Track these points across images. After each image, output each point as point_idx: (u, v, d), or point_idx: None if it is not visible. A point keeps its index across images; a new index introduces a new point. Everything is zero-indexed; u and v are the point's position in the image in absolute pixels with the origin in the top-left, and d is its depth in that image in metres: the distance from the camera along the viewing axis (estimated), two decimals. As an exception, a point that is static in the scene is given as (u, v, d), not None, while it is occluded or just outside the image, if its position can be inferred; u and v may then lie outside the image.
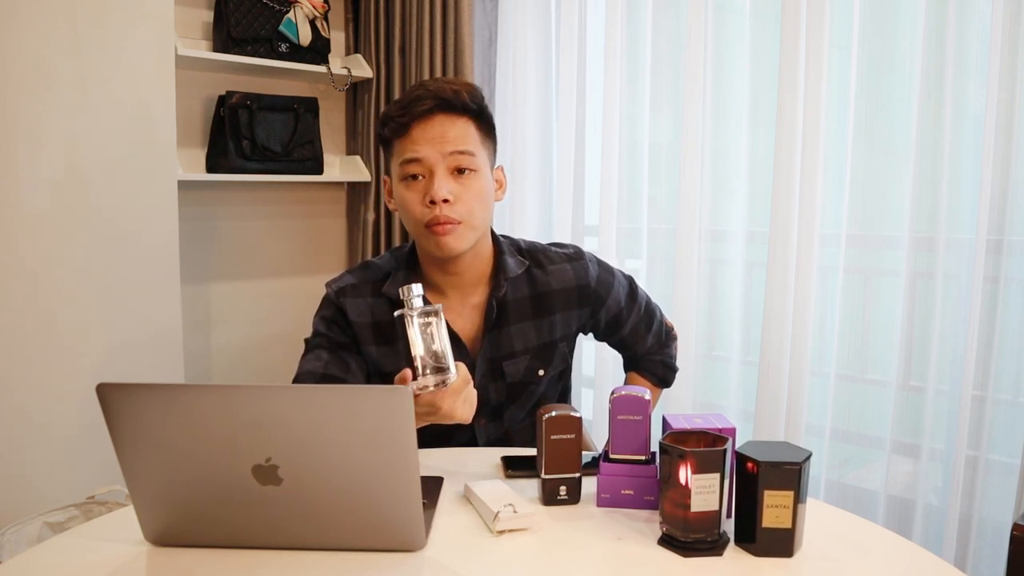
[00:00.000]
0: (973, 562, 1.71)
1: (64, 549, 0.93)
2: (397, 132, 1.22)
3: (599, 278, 1.35)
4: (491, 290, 1.29)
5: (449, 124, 1.21)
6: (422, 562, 0.89)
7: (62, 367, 1.82)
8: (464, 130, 1.22)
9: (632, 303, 1.40)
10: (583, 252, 1.37)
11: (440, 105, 1.21)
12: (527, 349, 1.31)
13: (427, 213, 1.20)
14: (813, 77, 1.79)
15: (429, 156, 1.20)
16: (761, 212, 1.96)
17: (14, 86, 1.72)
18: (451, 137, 1.20)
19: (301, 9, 2.45)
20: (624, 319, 1.39)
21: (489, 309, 1.28)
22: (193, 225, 2.38)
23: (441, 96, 1.20)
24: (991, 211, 1.62)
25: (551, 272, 1.32)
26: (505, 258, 1.30)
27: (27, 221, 1.76)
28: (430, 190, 1.19)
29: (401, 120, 1.21)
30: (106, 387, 0.83)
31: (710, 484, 0.88)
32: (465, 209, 1.21)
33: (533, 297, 1.31)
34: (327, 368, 1.25)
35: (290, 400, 0.83)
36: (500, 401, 1.32)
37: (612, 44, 2.15)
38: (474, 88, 1.25)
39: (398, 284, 1.23)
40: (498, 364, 1.30)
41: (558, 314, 1.32)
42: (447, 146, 1.20)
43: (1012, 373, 1.66)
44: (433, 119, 1.20)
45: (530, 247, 1.36)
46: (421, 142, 1.20)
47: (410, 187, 1.22)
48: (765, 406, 1.91)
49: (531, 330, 1.31)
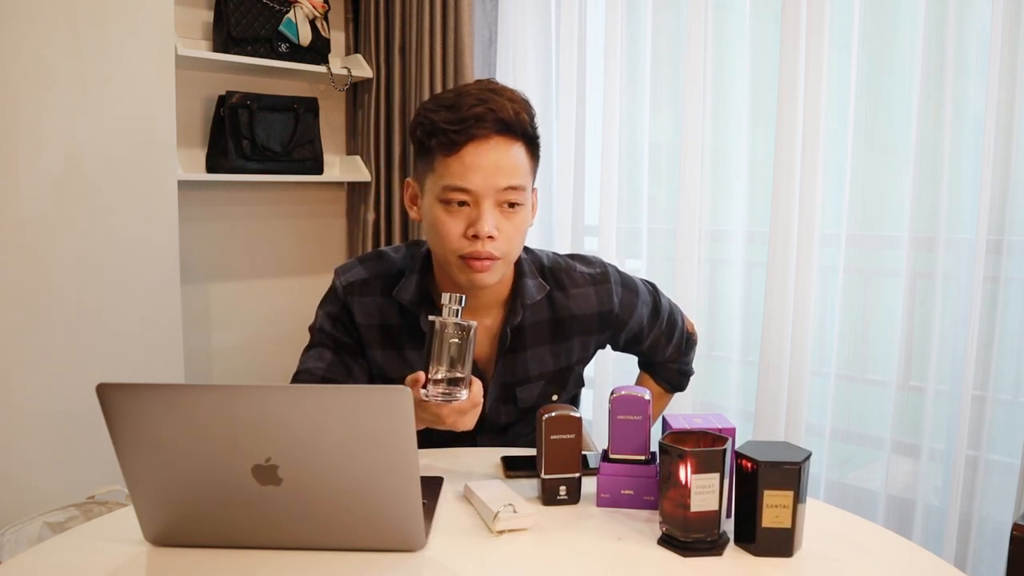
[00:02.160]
0: (973, 562, 1.71)
1: (64, 549, 0.93)
2: (445, 148, 1.10)
3: (623, 302, 1.28)
4: (506, 314, 1.22)
5: (504, 151, 1.10)
6: (422, 562, 0.89)
7: (62, 367, 1.82)
8: (518, 160, 1.12)
9: (655, 320, 1.33)
10: (608, 273, 1.28)
11: (500, 128, 1.10)
12: (543, 374, 1.26)
13: (466, 245, 1.11)
14: (813, 77, 1.79)
15: (479, 188, 1.09)
16: (761, 212, 1.95)
17: (14, 86, 1.72)
18: (505, 169, 1.10)
19: (301, 9, 2.45)
20: (645, 336, 1.33)
21: (503, 336, 1.22)
22: (193, 225, 2.38)
23: (502, 118, 1.09)
24: (991, 211, 1.62)
25: (572, 296, 1.25)
26: (525, 281, 1.22)
27: (27, 221, 1.76)
28: (476, 223, 1.09)
29: (454, 137, 1.09)
30: (106, 387, 0.83)
31: (710, 484, 0.88)
32: (507, 245, 1.12)
33: (552, 321, 1.24)
34: (328, 371, 1.23)
35: (290, 400, 0.83)
36: (510, 422, 1.29)
37: (612, 44, 2.15)
38: (529, 105, 1.15)
39: (411, 289, 1.20)
40: (511, 389, 1.25)
41: (576, 339, 1.26)
42: (500, 180, 1.10)
43: (1012, 373, 1.66)
44: (489, 142, 1.09)
45: (553, 266, 1.27)
46: (473, 169, 1.09)
47: (451, 212, 1.11)
48: (765, 406, 1.91)
49: (547, 354, 1.25)
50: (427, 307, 1.20)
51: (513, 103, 1.12)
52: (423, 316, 1.19)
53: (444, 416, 1.02)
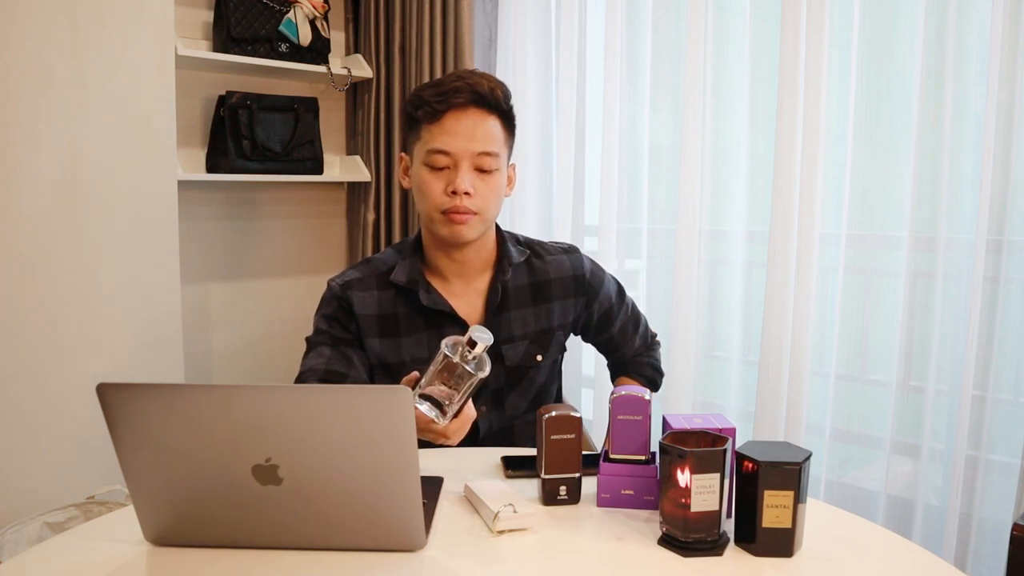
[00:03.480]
0: (973, 562, 1.71)
1: (64, 549, 0.93)
2: (429, 117, 1.26)
3: (592, 271, 1.43)
4: (494, 276, 1.36)
5: (480, 121, 1.26)
6: (422, 562, 0.89)
7: (62, 367, 1.82)
8: (492, 129, 1.28)
9: (621, 301, 1.48)
10: (576, 247, 1.45)
11: (475, 100, 1.26)
12: (526, 334, 1.37)
13: (447, 201, 1.26)
14: (813, 77, 1.79)
15: (457, 151, 1.25)
16: (761, 212, 1.95)
17: (14, 86, 1.72)
18: (480, 136, 1.26)
19: (301, 9, 2.45)
20: (614, 316, 1.46)
21: (492, 293, 1.35)
22: (193, 225, 2.38)
23: (477, 91, 1.26)
24: (991, 211, 1.61)
25: (549, 262, 1.40)
26: (508, 246, 1.37)
27: (27, 221, 1.76)
28: (453, 181, 1.25)
29: (437, 107, 1.25)
30: (106, 387, 0.83)
31: (710, 484, 0.88)
32: (482, 202, 1.28)
33: (532, 285, 1.38)
34: (329, 364, 1.29)
35: (290, 400, 0.83)
36: (500, 385, 1.36)
37: (612, 44, 2.15)
38: (505, 87, 1.31)
39: (405, 271, 1.33)
40: (497, 347, 1.33)
41: (556, 303, 1.39)
42: (475, 145, 1.26)
43: (1012, 373, 1.66)
44: (466, 112, 1.26)
45: (527, 240, 1.43)
46: (452, 134, 1.25)
47: (433, 174, 1.27)
48: (765, 406, 1.91)
49: (530, 316, 1.38)
50: (422, 285, 1.33)
51: (489, 82, 1.28)
52: (421, 292, 1.32)
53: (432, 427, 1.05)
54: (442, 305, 1.32)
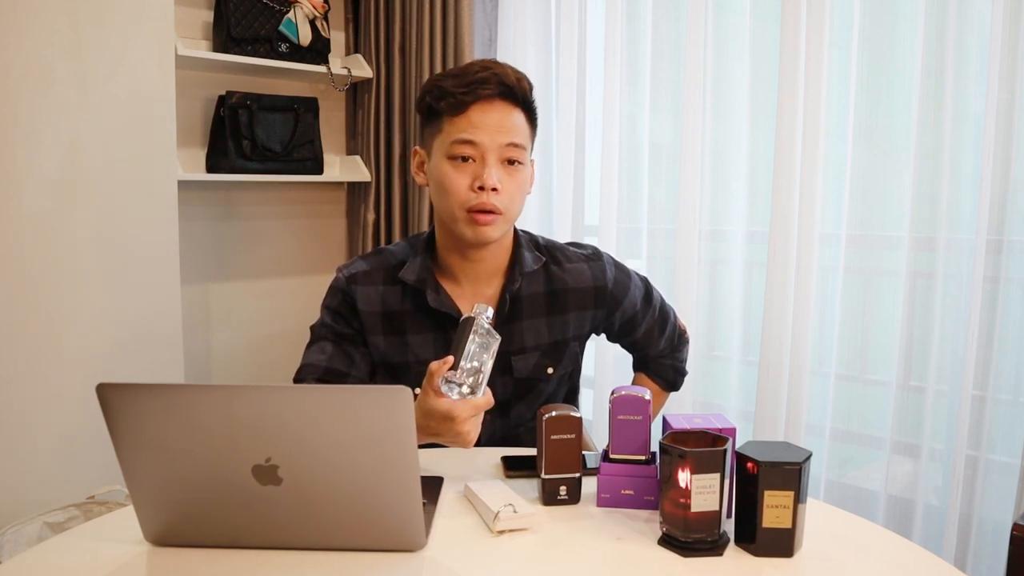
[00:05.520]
0: (973, 562, 1.71)
1: (64, 549, 0.93)
2: (453, 109, 1.19)
3: (616, 280, 1.34)
4: (505, 283, 1.28)
5: (507, 113, 1.20)
6: (422, 562, 0.89)
7: (62, 367, 1.82)
8: (519, 122, 1.21)
9: (647, 306, 1.39)
10: (601, 253, 1.35)
11: (503, 92, 1.19)
12: (538, 346, 1.30)
13: (472, 198, 1.18)
14: (813, 77, 1.79)
15: (485, 142, 1.18)
16: (761, 212, 1.95)
17: (14, 86, 1.72)
18: (508, 128, 1.19)
19: (301, 9, 2.45)
20: (639, 322, 1.38)
21: (502, 302, 1.27)
22: (193, 225, 2.38)
23: (505, 83, 1.19)
24: (991, 211, 1.62)
25: (568, 270, 1.31)
26: (523, 252, 1.29)
27: (27, 221, 1.76)
28: (480, 175, 1.18)
29: (462, 98, 1.18)
30: (106, 387, 0.83)
31: (710, 484, 0.88)
32: (509, 200, 1.20)
33: (548, 294, 1.30)
34: (330, 361, 1.26)
35: (290, 400, 0.83)
36: (507, 397, 1.31)
37: (612, 44, 2.15)
38: (529, 79, 1.24)
39: (415, 269, 1.26)
40: (507, 358, 1.28)
41: (572, 313, 1.31)
42: (504, 137, 1.19)
43: (1012, 373, 1.66)
44: (493, 104, 1.19)
45: (548, 244, 1.34)
46: (480, 126, 1.18)
47: (458, 168, 1.19)
48: (765, 406, 1.91)
49: (543, 327, 1.30)
50: (431, 285, 1.26)
51: (515, 73, 1.22)
52: (429, 292, 1.25)
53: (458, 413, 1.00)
54: (450, 308, 1.25)
